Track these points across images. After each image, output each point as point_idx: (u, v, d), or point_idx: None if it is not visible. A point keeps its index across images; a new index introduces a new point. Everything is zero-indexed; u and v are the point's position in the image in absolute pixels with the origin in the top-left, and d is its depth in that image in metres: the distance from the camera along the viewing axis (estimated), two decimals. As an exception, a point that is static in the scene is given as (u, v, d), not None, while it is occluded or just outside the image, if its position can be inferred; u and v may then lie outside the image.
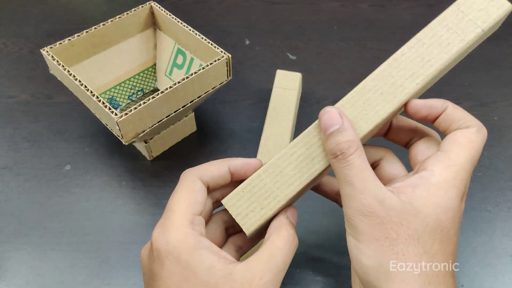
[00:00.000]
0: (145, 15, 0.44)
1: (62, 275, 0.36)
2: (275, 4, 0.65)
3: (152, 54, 0.47)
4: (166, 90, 0.35)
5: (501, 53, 0.57)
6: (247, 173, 0.28)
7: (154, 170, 0.44)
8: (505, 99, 0.51)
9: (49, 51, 0.37)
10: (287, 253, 0.25)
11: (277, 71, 0.47)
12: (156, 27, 0.46)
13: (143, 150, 0.44)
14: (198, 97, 0.38)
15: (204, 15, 0.63)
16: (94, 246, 0.38)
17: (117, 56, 0.43)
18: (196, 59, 0.43)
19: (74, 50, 0.39)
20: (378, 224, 0.24)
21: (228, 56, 0.38)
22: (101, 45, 0.42)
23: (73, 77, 0.35)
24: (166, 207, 0.27)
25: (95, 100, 0.34)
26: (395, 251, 0.24)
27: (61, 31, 0.59)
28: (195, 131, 0.47)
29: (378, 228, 0.24)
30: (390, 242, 0.24)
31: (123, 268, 0.37)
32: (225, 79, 0.40)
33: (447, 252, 0.25)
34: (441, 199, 0.24)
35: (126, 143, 0.35)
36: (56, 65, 0.36)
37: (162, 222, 0.26)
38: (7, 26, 0.60)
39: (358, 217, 0.24)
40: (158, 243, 0.25)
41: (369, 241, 0.24)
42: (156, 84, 0.49)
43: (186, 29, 0.41)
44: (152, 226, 0.39)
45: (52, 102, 0.50)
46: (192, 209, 0.26)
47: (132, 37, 0.44)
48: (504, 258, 0.37)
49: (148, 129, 0.36)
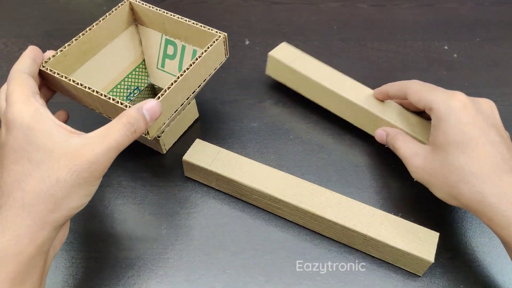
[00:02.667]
0: (126, 12, 0.43)
1: (62, 275, 0.36)
2: (275, 4, 0.65)
3: (139, 51, 0.47)
4: (178, 79, 0.35)
5: (502, 53, 0.57)
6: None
7: (154, 170, 0.44)
8: (505, 99, 0.51)
9: (45, 65, 0.36)
10: (122, 134, 0.29)
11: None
12: (138, 23, 0.45)
13: (154, 145, 0.44)
14: (204, 81, 0.39)
15: (204, 15, 0.63)
16: (94, 246, 0.38)
17: (107, 59, 0.43)
18: (188, 46, 0.43)
19: (67, 60, 0.39)
20: None
21: (225, 35, 0.39)
22: (91, 51, 0.41)
23: (82, 85, 0.35)
24: (6, 95, 0.31)
25: (113, 103, 0.33)
26: None
27: (61, 31, 0.59)
28: (197, 118, 0.48)
29: None
30: None
31: (122, 268, 0.37)
32: (223, 58, 0.41)
33: None
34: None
35: (151, 138, 0.35)
36: (60, 78, 0.35)
37: (7, 101, 0.30)
38: (7, 26, 0.60)
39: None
40: (5, 116, 0.29)
41: None
42: (149, 79, 0.49)
43: (174, 18, 0.41)
44: (153, 226, 0.39)
45: (52, 102, 0.50)
46: (30, 88, 0.30)
47: (117, 37, 0.44)
48: (504, 258, 0.37)
49: (167, 120, 0.37)
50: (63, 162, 0.27)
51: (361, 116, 0.44)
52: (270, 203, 0.39)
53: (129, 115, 0.30)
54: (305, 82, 0.46)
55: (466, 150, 0.33)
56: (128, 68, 0.47)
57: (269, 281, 0.36)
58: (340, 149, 0.46)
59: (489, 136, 0.33)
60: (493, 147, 0.32)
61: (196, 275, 0.37)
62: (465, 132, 0.33)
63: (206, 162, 0.40)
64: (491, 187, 0.31)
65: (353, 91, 0.45)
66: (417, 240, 0.36)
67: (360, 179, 0.43)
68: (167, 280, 0.36)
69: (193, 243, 0.38)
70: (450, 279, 0.37)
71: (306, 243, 0.39)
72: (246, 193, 0.40)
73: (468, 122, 0.33)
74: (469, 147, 0.33)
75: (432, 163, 0.35)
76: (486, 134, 0.33)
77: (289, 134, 0.47)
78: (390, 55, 0.57)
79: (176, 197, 0.42)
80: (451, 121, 0.34)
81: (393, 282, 0.37)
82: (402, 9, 0.65)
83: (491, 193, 0.31)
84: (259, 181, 0.39)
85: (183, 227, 0.40)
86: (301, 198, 0.38)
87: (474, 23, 0.62)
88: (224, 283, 0.36)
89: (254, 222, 0.40)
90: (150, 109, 0.31)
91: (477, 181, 0.32)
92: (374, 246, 0.37)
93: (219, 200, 0.42)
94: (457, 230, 0.40)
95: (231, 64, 0.44)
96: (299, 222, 0.40)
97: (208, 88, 0.47)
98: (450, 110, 0.35)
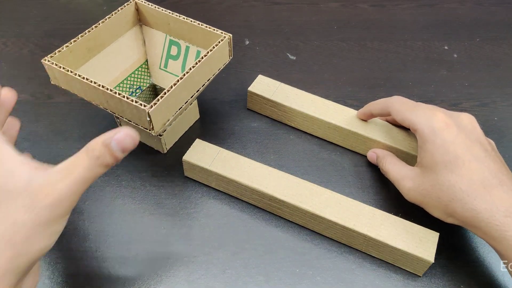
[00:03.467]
0: (131, 12, 0.44)
1: (61, 275, 0.36)
2: (275, 4, 0.65)
3: (142, 51, 0.47)
4: (184, 76, 0.36)
5: (502, 53, 0.57)
6: None
7: (154, 170, 0.44)
8: (505, 99, 0.51)
9: (50, 60, 0.37)
10: (87, 168, 0.26)
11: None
12: (142, 24, 0.46)
13: (155, 145, 0.45)
14: (208, 80, 0.40)
15: (204, 15, 0.63)
16: (94, 246, 0.38)
17: (111, 57, 0.44)
18: (192, 47, 0.44)
19: (72, 56, 0.39)
20: None
21: (230, 36, 0.40)
22: (95, 48, 0.42)
23: (87, 79, 0.35)
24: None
25: (118, 97, 0.34)
26: None
27: (61, 31, 0.59)
28: (198, 119, 0.48)
29: None
30: None
31: (122, 268, 0.37)
32: (227, 59, 0.41)
33: None
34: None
35: (156, 133, 0.36)
36: (66, 72, 0.36)
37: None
38: (7, 26, 0.60)
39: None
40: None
41: None
42: (151, 80, 0.49)
43: (179, 18, 0.41)
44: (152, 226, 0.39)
45: (52, 102, 0.50)
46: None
47: (121, 36, 0.44)
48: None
49: (171, 117, 0.37)
50: (21, 202, 0.25)
51: (350, 138, 0.44)
52: (270, 203, 0.39)
53: (94, 148, 0.26)
54: (289, 113, 0.46)
55: (454, 169, 0.33)
56: (131, 68, 0.47)
57: (269, 281, 0.36)
58: (340, 149, 0.46)
59: (474, 152, 0.34)
60: (479, 163, 0.33)
61: (196, 275, 0.37)
62: (450, 152, 0.34)
63: (206, 162, 0.40)
64: (482, 203, 0.32)
65: (338, 114, 0.45)
66: (417, 240, 0.36)
67: (360, 179, 0.43)
68: (167, 280, 0.36)
69: (193, 243, 0.38)
70: (450, 279, 0.37)
71: (306, 243, 0.39)
72: (246, 193, 0.40)
73: (452, 142, 0.34)
74: (457, 166, 0.33)
75: (423, 184, 0.35)
76: (471, 150, 0.34)
77: (289, 134, 0.47)
78: (390, 55, 0.57)
79: (176, 197, 0.42)
80: (436, 142, 0.35)
81: (393, 282, 0.36)
82: (402, 9, 0.65)
83: (483, 208, 0.32)
84: (259, 181, 0.39)
85: (183, 227, 0.40)
86: (301, 198, 0.38)
87: (474, 23, 0.62)
88: (224, 283, 0.36)
89: (254, 222, 0.40)
90: (121, 141, 0.26)
91: (469, 199, 0.32)
92: (374, 246, 0.37)
93: (219, 200, 0.42)
94: (457, 230, 0.40)
95: (231, 64, 0.44)
96: (299, 222, 0.39)
97: (208, 88, 0.47)
98: (433, 131, 0.35)
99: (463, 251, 0.38)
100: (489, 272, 0.37)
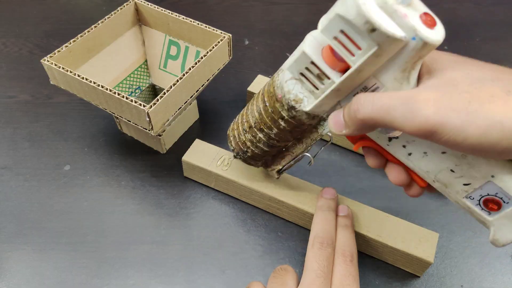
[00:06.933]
0: (131, 12, 0.44)
1: (61, 275, 0.36)
2: (274, 4, 0.65)
3: (141, 51, 0.47)
4: (184, 76, 0.36)
5: (502, 54, 0.57)
6: None
7: (153, 170, 0.44)
8: (505, 99, 0.51)
9: (49, 60, 0.37)
10: None
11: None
12: (141, 24, 0.46)
13: (154, 145, 0.45)
14: (208, 80, 0.40)
15: (203, 15, 0.63)
16: (94, 246, 0.38)
17: (110, 57, 0.44)
18: (191, 47, 0.44)
19: (72, 56, 0.39)
20: None
21: (229, 36, 0.40)
22: (95, 48, 0.42)
23: (86, 79, 0.35)
24: None
25: (118, 97, 0.35)
26: None
27: (60, 31, 0.59)
28: (197, 119, 0.48)
29: None
30: None
31: (122, 268, 0.37)
32: (226, 59, 0.42)
33: None
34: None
35: (155, 133, 0.36)
36: (65, 72, 0.36)
37: None
38: (7, 26, 0.60)
39: None
40: None
41: None
42: (150, 80, 0.49)
43: (179, 18, 0.42)
44: (152, 226, 0.39)
45: (52, 102, 0.50)
46: None
47: (121, 36, 0.44)
48: (504, 258, 0.37)
49: (171, 117, 0.37)
50: None
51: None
52: (269, 204, 0.39)
53: None
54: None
55: (458, 66, 0.28)
56: (130, 68, 0.47)
57: (269, 281, 0.36)
58: (340, 149, 0.46)
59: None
60: (477, 62, 0.29)
61: (196, 275, 0.37)
62: (447, 59, 0.29)
63: (205, 163, 0.40)
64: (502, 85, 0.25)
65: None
66: (417, 240, 0.36)
67: (360, 179, 0.43)
68: (167, 280, 0.36)
69: (192, 243, 0.38)
70: (450, 279, 0.37)
71: (306, 243, 0.39)
72: (246, 193, 0.40)
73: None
74: (459, 63, 0.28)
75: (444, 95, 0.25)
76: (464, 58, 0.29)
77: (288, 134, 0.47)
78: (390, 55, 0.57)
79: (176, 197, 0.42)
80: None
81: (393, 282, 0.36)
82: (402, 9, 0.64)
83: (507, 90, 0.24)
84: (259, 182, 0.39)
85: (182, 227, 0.40)
86: (301, 198, 0.38)
87: (474, 23, 0.62)
88: (223, 283, 0.36)
89: (254, 222, 0.40)
90: None
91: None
92: (374, 247, 0.37)
93: (218, 200, 0.42)
94: (457, 230, 0.40)
95: (231, 64, 0.44)
96: (299, 222, 0.39)
97: (208, 88, 0.47)
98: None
99: (463, 251, 0.38)
100: (489, 272, 0.37)
